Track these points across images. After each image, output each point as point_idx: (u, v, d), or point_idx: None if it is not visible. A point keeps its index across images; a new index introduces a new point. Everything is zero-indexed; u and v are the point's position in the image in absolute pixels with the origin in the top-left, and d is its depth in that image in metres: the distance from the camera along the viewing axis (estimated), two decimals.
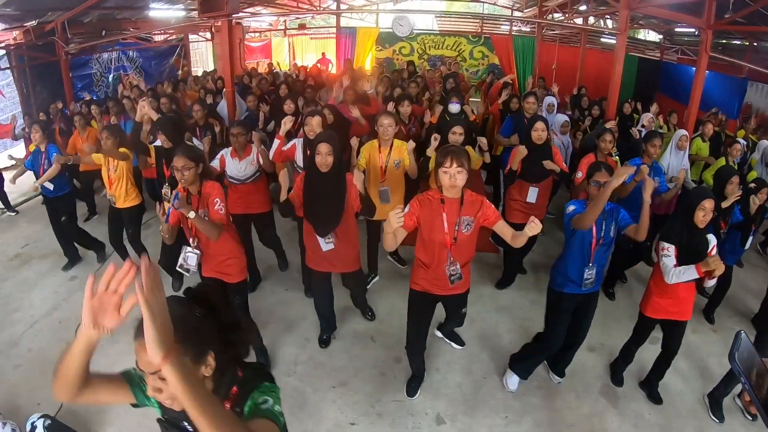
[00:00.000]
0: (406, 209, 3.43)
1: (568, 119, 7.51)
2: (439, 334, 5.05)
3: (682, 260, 3.65)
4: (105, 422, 4.03)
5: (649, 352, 4.50)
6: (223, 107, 9.00)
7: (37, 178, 5.95)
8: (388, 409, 4.23)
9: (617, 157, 6.08)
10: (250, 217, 5.67)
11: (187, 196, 3.93)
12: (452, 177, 3.34)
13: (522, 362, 4.41)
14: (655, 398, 4.38)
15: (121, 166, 5.55)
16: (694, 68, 8.74)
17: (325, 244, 4.30)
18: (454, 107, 6.89)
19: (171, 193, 4.22)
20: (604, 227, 3.89)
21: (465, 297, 4.05)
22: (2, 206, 8.21)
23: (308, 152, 4.97)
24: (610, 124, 6.65)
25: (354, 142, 5.58)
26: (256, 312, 5.11)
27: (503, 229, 3.55)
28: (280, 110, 7.21)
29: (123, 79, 12.85)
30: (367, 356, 4.85)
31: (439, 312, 4.21)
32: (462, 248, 3.63)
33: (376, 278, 6.06)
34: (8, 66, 10.10)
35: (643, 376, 4.54)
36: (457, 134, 5.21)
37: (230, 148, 5.39)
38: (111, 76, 12.65)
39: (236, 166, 5.36)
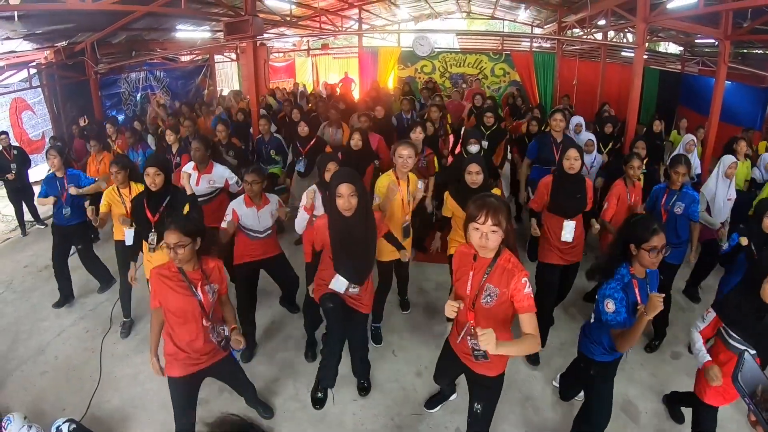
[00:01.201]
0: (460, 305, 2.90)
1: (593, 138, 7.04)
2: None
3: (742, 336, 3.06)
4: (129, 428, 4.13)
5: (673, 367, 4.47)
6: None
7: (55, 204, 5.64)
8: (408, 422, 4.25)
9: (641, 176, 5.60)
10: (262, 263, 4.99)
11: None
12: (484, 237, 2.76)
13: None
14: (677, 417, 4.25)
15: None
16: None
17: (351, 289, 3.87)
18: (473, 148, 6.07)
19: (156, 243, 4.22)
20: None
21: (490, 385, 3.23)
22: (32, 219, 8.49)
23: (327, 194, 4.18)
24: (639, 147, 6.22)
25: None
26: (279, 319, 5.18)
27: (527, 324, 2.79)
28: (295, 132, 7.07)
29: (150, 98, 13.16)
30: (388, 369, 4.86)
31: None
32: (484, 321, 2.97)
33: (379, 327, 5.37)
34: (39, 84, 10.41)
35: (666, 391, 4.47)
36: (474, 173, 4.45)
37: (242, 197, 4.72)
38: (139, 95, 12.96)
39: (253, 217, 4.69)
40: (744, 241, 4.37)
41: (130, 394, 4.49)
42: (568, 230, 4.63)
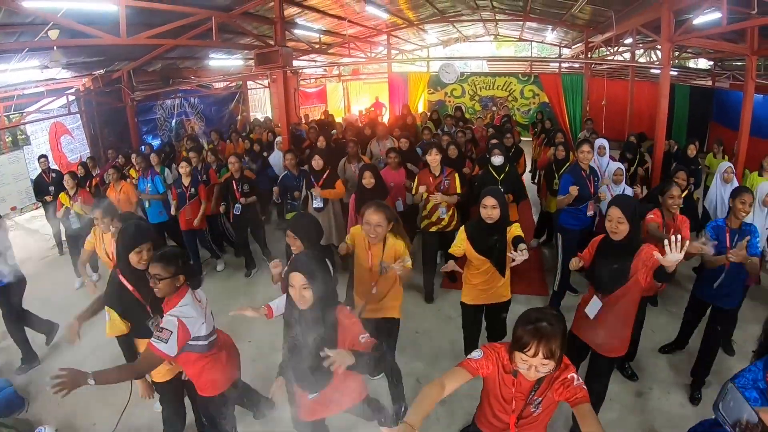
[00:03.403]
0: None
1: (622, 167, 6.40)
2: None
3: None
4: None
5: None
6: (275, 158, 9.00)
7: None
8: None
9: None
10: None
11: None
12: (533, 369, 2.31)
13: None
14: None
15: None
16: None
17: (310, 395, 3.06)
18: (497, 159, 6.14)
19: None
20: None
21: None
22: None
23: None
24: (680, 178, 5.57)
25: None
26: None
27: (586, 420, 2.25)
28: (309, 165, 6.77)
29: (185, 124, 13.54)
30: (412, 396, 4.57)
31: None
32: (527, 426, 2.62)
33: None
34: (78, 110, 10.89)
35: None
36: (489, 207, 3.92)
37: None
38: (174, 121, 13.42)
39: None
40: None
41: (159, 412, 4.59)
42: (593, 308, 3.65)
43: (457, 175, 6.14)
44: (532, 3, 12.87)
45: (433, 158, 5.96)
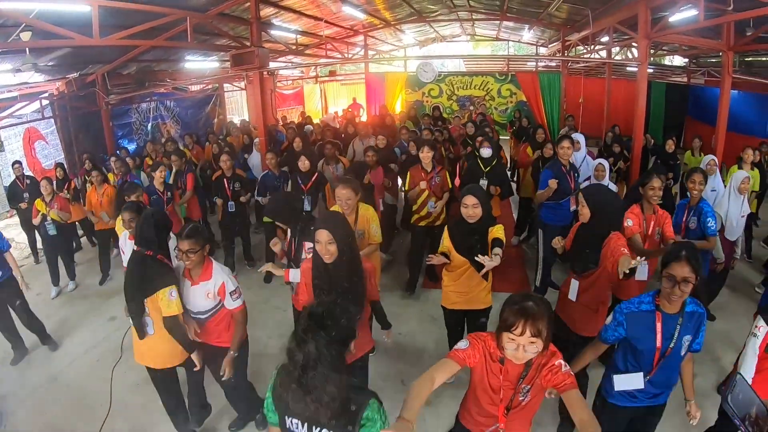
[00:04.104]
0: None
1: (604, 163, 6.51)
2: None
3: None
4: None
5: None
6: (253, 159, 9.14)
7: None
8: None
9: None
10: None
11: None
12: (521, 349, 2.31)
13: None
14: None
15: None
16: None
17: None
18: (486, 152, 6.33)
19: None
20: (675, 336, 2.85)
21: None
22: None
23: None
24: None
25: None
26: None
27: (576, 406, 2.29)
28: (295, 167, 6.93)
29: (161, 127, 13.37)
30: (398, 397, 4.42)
31: None
32: (519, 419, 2.65)
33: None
34: (51, 115, 10.64)
35: None
36: (470, 207, 3.92)
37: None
38: (149, 125, 13.19)
39: (188, 294, 3.65)
40: None
41: (140, 422, 4.50)
42: (573, 289, 3.82)
43: (447, 173, 6.34)
44: (509, 2, 12.96)
45: (425, 155, 6.08)
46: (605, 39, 12.13)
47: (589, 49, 12.99)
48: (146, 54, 10.45)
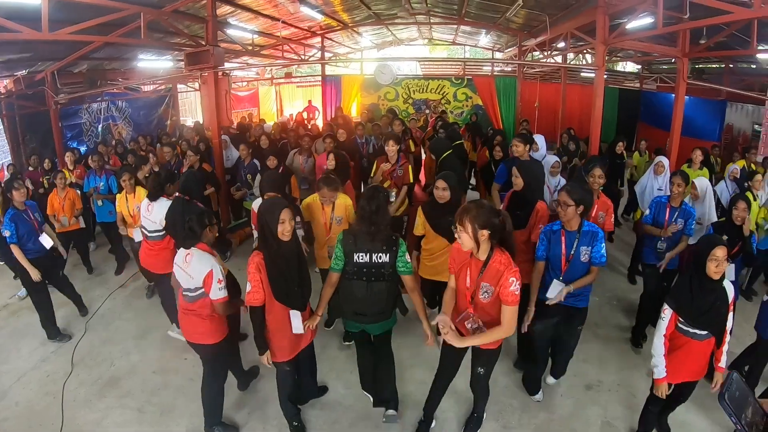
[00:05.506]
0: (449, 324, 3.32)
1: (558, 160, 7.09)
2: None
3: (694, 321, 3.50)
4: None
5: None
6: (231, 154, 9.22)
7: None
8: None
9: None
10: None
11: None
12: (459, 238, 3.26)
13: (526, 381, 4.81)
14: None
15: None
16: (674, 95, 8.90)
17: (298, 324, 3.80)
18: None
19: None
20: (575, 247, 4.06)
21: (489, 354, 3.72)
22: None
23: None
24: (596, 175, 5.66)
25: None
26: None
27: (504, 315, 3.28)
28: (263, 164, 7.48)
29: (112, 129, 12.98)
30: (359, 408, 4.63)
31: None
32: (483, 312, 3.43)
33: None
34: None
35: None
36: (440, 189, 4.65)
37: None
38: (100, 126, 12.69)
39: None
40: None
41: None
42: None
43: (410, 166, 6.81)
44: (467, 7, 13.00)
45: (390, 148, 6.56)
46: (562, 45, 12.32)
47: (545, 54, 13.17)
48: (98, 52, 10.08)
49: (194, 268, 3.83)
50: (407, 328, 5.65)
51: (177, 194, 5.05)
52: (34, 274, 5.48)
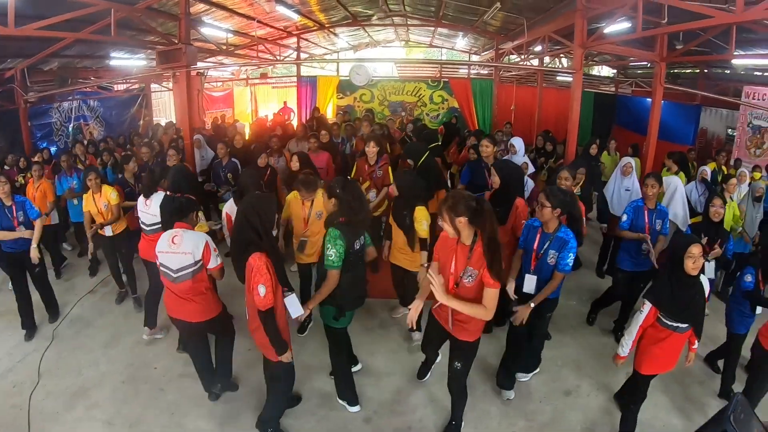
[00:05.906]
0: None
1: (528, 161, 7.35)
2: None
3: (677, 316, 3.69)
4: None
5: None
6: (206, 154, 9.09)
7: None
8: None
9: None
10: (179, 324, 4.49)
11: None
12: (442, 226, 3.50)
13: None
14: None
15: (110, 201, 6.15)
16: (649, 99, 8.99)
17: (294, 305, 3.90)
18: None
19: None
20: (545, 248, 4.28)
21: (468, 348, 3.83)
22: None
23: None
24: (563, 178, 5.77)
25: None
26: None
27: (486, 297, 3.44)
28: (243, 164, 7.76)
29: (83, 128, 12.69)
30: (336, 418, 4.57)
31: None
32: (465, 298, 3.52)
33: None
34: None
35: None
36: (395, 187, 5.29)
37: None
38: (71, 125, 12.33)
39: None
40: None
41: None
42: None
43: (390, 167, 6.91)
44: (445, 9, 12.98)
45: (370, 150, 6.67)
46: (539, 48, 12.34)
47: (522, 57, 13.20)
48: (69, 49, 9.84)
49: (188, 244, 4.03)
50: (382, 335, 5.69)
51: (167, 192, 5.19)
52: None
